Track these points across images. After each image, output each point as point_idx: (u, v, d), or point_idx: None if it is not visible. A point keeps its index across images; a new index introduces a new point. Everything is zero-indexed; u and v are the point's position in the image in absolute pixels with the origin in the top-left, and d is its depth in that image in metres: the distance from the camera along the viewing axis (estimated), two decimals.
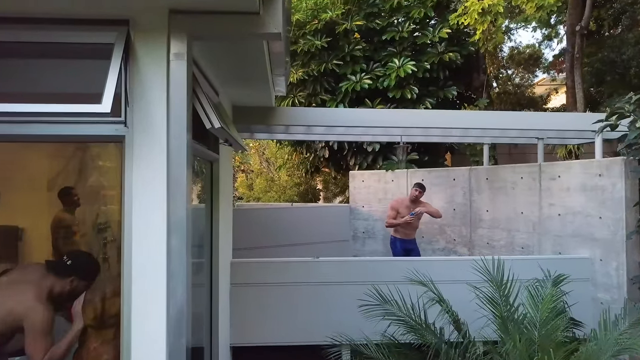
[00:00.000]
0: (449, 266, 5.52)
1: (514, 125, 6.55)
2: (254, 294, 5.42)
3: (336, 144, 10.54)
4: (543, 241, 6.48)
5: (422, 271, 4.81)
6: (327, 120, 6.27)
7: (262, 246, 8.73)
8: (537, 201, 6.60)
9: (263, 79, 4.31)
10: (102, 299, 2.64)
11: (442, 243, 8.47)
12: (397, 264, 5.67)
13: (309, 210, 10.39)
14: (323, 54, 10.08)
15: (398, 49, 9.98)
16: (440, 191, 8.46)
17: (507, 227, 7.19)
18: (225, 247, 5.16)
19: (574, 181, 5.93)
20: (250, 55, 3.48)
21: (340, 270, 5.52)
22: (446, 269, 5.45)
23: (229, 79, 4.35)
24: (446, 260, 5.90)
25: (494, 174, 7.47)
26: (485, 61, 11.18)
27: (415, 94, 9.54)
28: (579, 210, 5.83)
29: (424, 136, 7.42)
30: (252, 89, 4.90)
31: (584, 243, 5.75)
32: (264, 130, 6.72)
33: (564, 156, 11.34)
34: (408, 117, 6.55)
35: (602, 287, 5.43)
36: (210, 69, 3.82)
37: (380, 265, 5.59)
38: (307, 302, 5.39)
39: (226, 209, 5.20)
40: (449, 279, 5.16)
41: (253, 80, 4.45)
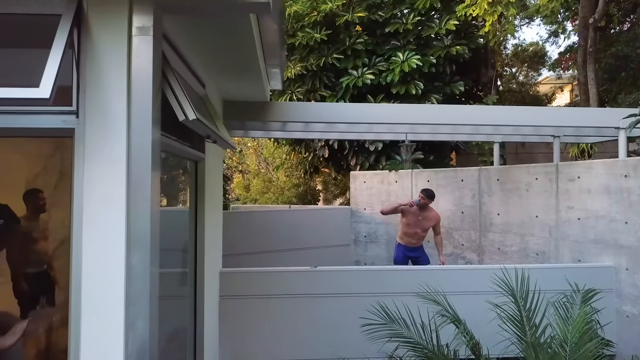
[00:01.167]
0: (463, 276, 5.10)
1: (528, 121, 6.12)
2: (245, 308, 5.00)
3: (336, 143, 10.11)
4: (560, 247, 6.05)
5: (432, 282, 4.40)
6: (326, 116, 5.84)
7: (258, 251, 8.36)
8: (554, 204, 6.17)
9: (254, 70, 3.89)
10: (47, 332, 2.20)
11: (450, 248, 8.04)
12: (404, 273, 5.26)
13: (307, 213, 10.00)
14: (322, 48, 9.64)
15: (402, 42, 9.54)
16: (448, 193, 8.03)
17: (520, 231, 6.76)
18: (213, 255, 4.74)
19: (595, 182, 5.51)
20: (238, 38, 3.05)
21: (342, 281, 5.10)
22: (460, 278, 5.04)
23: (216, 68, 3.93)
24: (460, 270, 5.47)
25: (506, 174, 7.04)
26: (494, 54, 10.72)
27: (420, 89, 9.10)
28: (601, 214, 5.40)
29: (431, 133, 6.99)
30: (243, 82, 4.48)
31: (607, 250, 5.32)
32: (258, 127, 6.29)
33: (576, 156, 10.89)
34: (415, 112, 6.11)
35: (629, 299, 5.01)
36: (193, 56, 3.39)
37: (385, 275, 5.16)
38: (304, 316, 4.97)
39: (215, 213, 4.78)
40: (463, 290, 4.75)
41: (244, 71, 4.03)
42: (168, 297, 3.46)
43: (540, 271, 5.21)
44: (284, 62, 5.00)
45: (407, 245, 7.13)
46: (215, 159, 4.86)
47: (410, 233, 7.06)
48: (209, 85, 4.39)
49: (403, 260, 7.17)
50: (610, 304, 5.16)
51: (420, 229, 7.05)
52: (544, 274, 5.18)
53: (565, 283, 5.09)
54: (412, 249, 7.13)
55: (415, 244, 7.11)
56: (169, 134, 2.78)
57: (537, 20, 20.70)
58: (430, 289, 4.08)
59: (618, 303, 5.12)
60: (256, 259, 8.20)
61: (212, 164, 4.50)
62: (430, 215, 7.11)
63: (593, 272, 5.27)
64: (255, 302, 5.01)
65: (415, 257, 7.17)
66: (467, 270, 5.44)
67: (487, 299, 3.81)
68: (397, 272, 5.33)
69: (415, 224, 7.02)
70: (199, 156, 3.89)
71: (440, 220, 7.20)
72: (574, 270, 5.32)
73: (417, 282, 4.43)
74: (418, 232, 7.04)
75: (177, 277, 3.62)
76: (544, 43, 21.79)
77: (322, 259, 8.87)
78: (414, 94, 9.03)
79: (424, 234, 7.14)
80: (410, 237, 7.07)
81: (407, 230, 7.07)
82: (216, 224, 4.96)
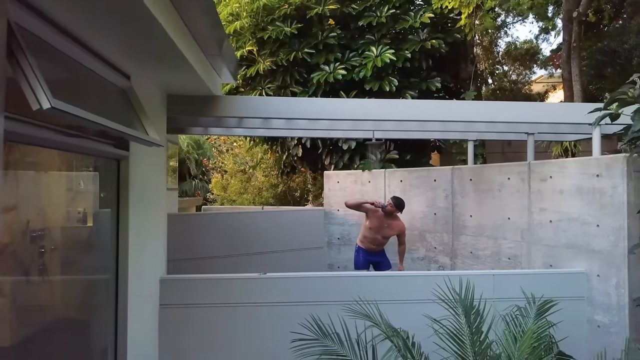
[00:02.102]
0: (407, 283, 4.78)
1: (501, 117, 5.81)
2: (187, 317, 4.67)
3: (309, 141, 9.78)
4: (533, 252, 5.75)
5: (376, 290, 4.11)
6: (285, 111, 5.51)
7: (224, 255, 8.04)
8: (526, 205, 5.87)
9: (177, 60, 3.54)
10: None
11: (423, 251, 7.73)
12: (347, 281, 4.92)
13: (280, 215, 9.66)
14: (293, 42, 9.30)
15: (376, 36, 9.22)
16: (421, 193, 7.71)
17: (493, 234, 6.45)
18: (150, 260, 4.41)
19: (568, 182, 5.20)
20: (140, 23, 2.70)
21: (292, 288, 4.77)
22: (405, 286, 4.72)
23: (140, 58, 3.59)
24: (402, 277, 5.14)
25: (479, 174, 6.73)
26: (474, 50, 10.41)
27: (395, 85, 8.78)
28: (574, 217, 5.10)
29: (399, 131, 6.68)
30: (179, 74, 4.12)
31: (579, 255, 5.02)
32: (211, 124, 5.97)
33: (559, 155, 10.63)
34: (380, 108, 5.79)
35: (600, 308, 4.70)
36: (108, 44, 3.05)
37: (330, 282, 4.83)
38: (250, 327, 4.63)
39: (151, 216, 4.44)
40: (408, 298, 4.43)
41: (171, 62, 3.68)
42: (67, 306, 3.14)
43: (505, 278, 4.91)
44: (229, 53, 4.67)
45: (367, 250, 6.86)
46: (155, 157, 4.52)
47: (370, 238, 6.81)
48: (142, 78, 4.06)
49: (364, 265, 6.88)
50: (582, 313, 4.86)
51: (381, 236, 6.80)
52: (510, 281, 4.87)
53: (532, 290, 4.79)
54: (373, 253, 6.86)
55: (375, 249, 6.87)
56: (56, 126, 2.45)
57: (531, 17, 20.50)
58: (385, 297, 3.78)
59: (589, 312, 4.82)
60: (222, 263, 7.90)
61: (145, 163, 4.16)
62: (395, 224, 6.83)
63: (564, 278, 4.97)
64: (199, 311, 4.68)
65: (377, 262, 6.88)
66: (409, 277, 5.11)
67: (425, 313, 3.47)
68: (340, 279, 4.98)
69: (377, 229, 6.75)
70: (119, 154, 3.55)
71: (405, 231, 6.91)
72: (543, 276, 5.03)
73: (358, 291, 4.12)
74: (378, 239, 6.79)
75: (83, 285, 3.29)
76: (536, 40, 21.62)
77: (293, 263, 8.57)
78: (387, 90, 8.71)
79: (384, 242, 6.88)
80: (370, 242, 6.82)
81: (368, 234, 6.82)
82: (155, 227, 4.62)
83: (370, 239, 6.81)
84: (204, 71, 4.41)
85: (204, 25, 3.61)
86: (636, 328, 4.41)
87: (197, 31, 3.67)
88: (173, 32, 3.02)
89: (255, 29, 9.40)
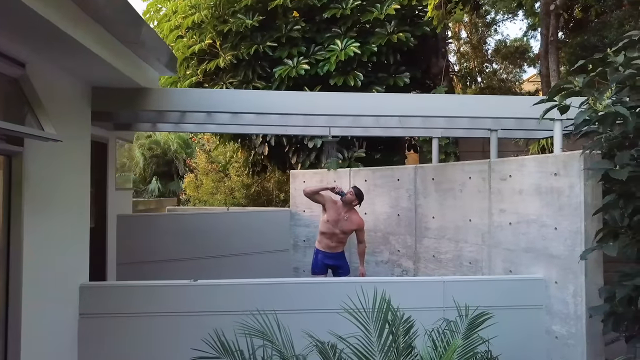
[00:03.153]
0: (322, 291, 4.46)
1: (461, 112, 5.48)
2: (111, 327, 4.32)
3: (273, 139, 9.42)
4: (493, 256, 5.43)
5: (296, 297, 3.79)
6: (227, 105, 5.15)
7: (182, 258, 7.71)
8: (486, 206, 5.55)
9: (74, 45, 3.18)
10: None
11: (386, 255, 7.39)
12: (301, 287, 4.58)
13: (246, 216, 9.34)
14: (255, 35, 8.94)
15: (342, 29, 8.87)
16: (384, 193, 7.37)
17: (454, 237, 6.13)
18: (66, 267, 4.06)
19: (527, 182, 4.88)
20: None
21: (225, 297, 4.43)
22: (324, 294, 4.38)
23: (32, 44, 3.23)
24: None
25: (442, 173, 6.40)
26: (446, 43, 10.09)
27: (360, 80, 8.43)
28: (532, 219, 4.78)
29: (356, 127, 6.35)
30: (88, 63, 3.75)
31: (538, 260, 4.71)
32: (149, 119, 5.60)
33: (537, 153, 10.30)
34: (333, 102, 5.43)
35: (558, 317, 4.39)
36: None
37: (264, 289, 4.48)
38: (173, 338, 4.27)
39: (64, 219, 4.07)
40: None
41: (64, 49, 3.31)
42: None
43: (457, 285, 4.59)
44: (154, 42, 4.32)
45: (325, 251, 6.51)
46: (72, 154, 4.16)
47: (328, 234, 6.45)
48: (49, 67, 3.69)
49: (322, 269, 6.54)
50: (540, 322, 4.55)
51: (340, 231, 6.45)
52: (462, 288, 4.55)
53: (488, 299, 4.47)
54: (331, 255, 6.50)
55: (333, 249, 6.49)
56: None
57: (521, 14, 20.26)
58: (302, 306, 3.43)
59: (548, 322, 4.50)
60: (178, 266, 7.57)
61: (55, 161, 3.79)
62: (354, 217, 6.50)
63: (521, 285, 4.66)
64: (123, 321, 4.33)
65: (336, 266, 6.53)
66: (317, 284, 4.77)
67: (336, 326, 3.12)
68: (293, 285, 4.64)
69: (335, 221, 6.40)
70: (9, 150, 3.18)
71: (364, 227, 6.59)
72: (497, 283, 4.71)
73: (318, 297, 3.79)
74: (337, 234, 6.42)
75: None
76: (524, 37, 21.46)
77: (257, 267, 8.24)
78: (353, 85, 8.37)
79: (344, 238, 6.52)
80: (329, 239, 6.44)
81: (325, 229, 6.47)
82: (74, 231, 4.26)
83: (329, 234, 6.46)
84: (122, 61, 4.05)
85: (109, 10, 3.27)
86: (593, 340, 4.09)
87: (102, 16, 3.33)
88: (54, 12, 2.66)
89: (217, 21, 9.03)
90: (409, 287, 4.61)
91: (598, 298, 3.96)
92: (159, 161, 18.91)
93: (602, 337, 4.08)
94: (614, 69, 3.12)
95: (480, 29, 21.82)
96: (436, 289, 4.52)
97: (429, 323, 3.54)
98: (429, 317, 3.95)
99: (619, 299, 3.43)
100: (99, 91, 4.64)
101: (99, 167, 6.76)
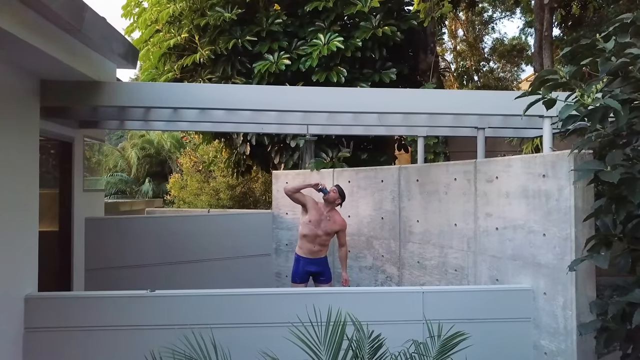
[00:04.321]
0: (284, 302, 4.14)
1: (444, 108, 5.13)
2: (62, 343, 3.99)
3: (254, 138, 9.07)
4: (479, 263, 5.10)
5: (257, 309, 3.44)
6: (188, 100, 4.79)
7: (157, 263, 7.37)
8: (472, 210, 5.22)
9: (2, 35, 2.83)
10: None
11: (370, 260, 7.05)
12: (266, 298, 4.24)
13: (227, 218, 8.96)
14: (235, 29, 8.58)
15: (326, 23, 8.52)
16: (368, 195, 7.03)
17: (439, 242, 5.80)
18: (4, 275, 3.72)
19: (514, 184, 4.56)
20: None
21: (183, 308, 4.09)
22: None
23: None
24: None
25: (426, 174, 6.07)
26: (435, 39, 9.75)
27: (344, 76, 8.08)
28: (520, 224, 4.46)
29: (334, 125, 6.02)
30: (18, 50, 3.40)
31: (525, 268, 4.38)
32: (111, 115, 5.25)
33: (531, 153, 9.98)
34: (309, 97, 5.07)
35: (547, 332, 4.06)
36: None
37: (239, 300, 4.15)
38: (136, 354, 3.93)
39: (2, 223, 3.72)
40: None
41: None
42: None
43: (437, 296, 4.26)
44: (104, 30, 3.97)
45: (306, 257, 6.13)
46: (9, 155, 3.81)
47: (310, 236, 6.05)
48: None
49: (303, 277, 6.17)
50: (528, 337, 4.23)
51: (323, 232, 6.06)
52: (442, 299, 4.23)
53: (471, 310, 4.15)
54: (312, 260, 6.12)
55: (316, 253, 6.10)
56: None
57: (518, 12, 20.04)
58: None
59: (536, 336, 4.17)
60: (152, 272, 7.24)
61: None
62: (337, 217, 6.14)
63: (507, 296, 4.33)
64: (75, 336, 4.00)
65: (318, 272, 6.17)
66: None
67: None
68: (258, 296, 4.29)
69: (317, 222, 6.03)
70: None
71: (346, 228, 6.23)
72: (480, 294, 4.38)
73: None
74: (320, 235, 6.04)
75: None
76: (521, 35, 21.34)
77: (237, 272, 7.92)
78: (337, 82, 8.02)
79: (327, 240, 6.14)
80: (311, 243, 6.05)
81: (307, 231, 6.06)
82: (16, 237, 3.91)
83: (311, 237, 6.06)
84: (66, 52, 3.70)
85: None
86: (585, 357, 3.76)
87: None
88: None
89: (195, 14, 8.67)
90: (384, 299, 4.27)
91: (588, 313, 3.63)
92: (152, 161, 18.62)
93: (594, 354, 3.75)
94: (605, 58, 2.78)
95: (477, 27, 21.60)
96: (414, 301, 4.18)
97: (405, 339, 3.22)
98: (407, 333, 3.63)
99: (611, 316, 3.10)
100: (49, 85, 4.28)
101: (63, 167, 6.43)
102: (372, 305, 4.15)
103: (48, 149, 6.18)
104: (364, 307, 4.01)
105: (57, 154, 6.40)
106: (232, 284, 7.82)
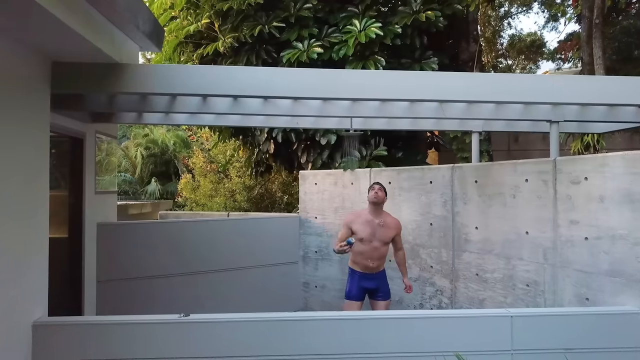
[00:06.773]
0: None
1: (506, 96, 4.46)
2: None
3: (280, 135, 8.45)
4: (560, 278, 4.45)
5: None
6: (220, 86, 4.13)
7: (174, 274, 6.83)
8: (550, 216, 4.57)
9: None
10: None
11: (416, 270, 6.41)
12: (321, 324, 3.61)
13: (248, 223, 8.34)
14: (260, 15, 7.97)
15: (360, 8, 7.89)
16: (412, 198, 6.39)
17: (504, 253, 5.15)
18: (7, 297, 3.12)
19: (611, 186, 3.91)
20: None
21: (223, 336, 3.47)
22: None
23: None
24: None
25: (486, 175, 5.43)
26: (478, 26, 9.08)
27: (382, 66, 7.45)
28: (621, 234, 3.81)
29: (380, 118, 5.37)
30: (59, 27, 2.80)
31: (629, 287, 3.72)
32: (116, 106, 4.63)
33: (580, 151, 9.30)
34: (356, 81, 4.36)
35: None
36: None
37: (290, 326, 3.53)
38: None
39: (5, 233, 3.11)
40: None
41: None
42: None
43: (529, 320, 3.61)
44: (133, 3, 3.36)
45: (362, 272, 5.39)
46: (10, 157, 3.20)
47: (367, 251, 5.29)
48: None
49: (358, 294, 5.40)
50: None
51: (380, 242, 5.32)
52: (534, 324, 3.58)
53: (567, 336, 3.51)
54: (369, 276, 5.38)
55: (373, 269, 5.36)
56: None
57: (535, 7, 19.49)
58: None
59: None
60: (170, 283, 6.71)
61: None
62: (389, 220, 5.42)
63: (608, 320, 3.68)
64: None
65: (374, 289, 5.42)
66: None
67: None
68: (310, 321, 3.66)
69: (371, 235, 5.28)
70: None
71: (401, 229, 5.54)
72: (575, 317, 3.72)
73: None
74: (377, 248, 5.30)
75: None
76: (542, 30, 20.87)
77: (261, 283, 7.35)
78: None
79: (385, 250, 5.41)
80: (367, 258, 5.31)
81: (362, 249, 5.30)
82: (20, 253, 3.30)
83: (368, 252, 5.30)
84: (87, 25, 3.09)
85: None
86: None
87: None
88: None
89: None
90: (465, 324, 3.63)
91: None
92: (157, 161, 18.08)
93: None
94: None
95: (494, 23, 21.06)
96: (501, 326, 3.55)
97: None
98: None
99: None
100: (60, 68, 3.67)
101: (74, 167, 5.83)
102: (449, 332, 3.53)
103: (57, 145, 5.57)
104: (439, 333, 3.40)
105: (66, 152, 5.80)
106: (255, 295, 7.25)
